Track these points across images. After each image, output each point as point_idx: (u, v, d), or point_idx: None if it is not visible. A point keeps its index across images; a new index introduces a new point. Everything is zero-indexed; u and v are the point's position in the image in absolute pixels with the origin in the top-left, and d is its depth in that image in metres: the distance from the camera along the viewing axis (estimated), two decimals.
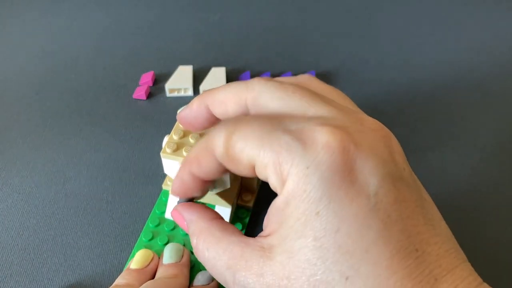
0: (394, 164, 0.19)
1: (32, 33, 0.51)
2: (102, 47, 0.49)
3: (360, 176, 0.18)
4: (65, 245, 0.31)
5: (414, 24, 0.52)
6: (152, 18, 0.53)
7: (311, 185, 0.18)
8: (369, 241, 0.17)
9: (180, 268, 0.27)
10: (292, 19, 0.53)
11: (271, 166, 0.19)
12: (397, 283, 0.17)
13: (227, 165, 0.21)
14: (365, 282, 0.17)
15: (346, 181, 0.18)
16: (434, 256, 0.18)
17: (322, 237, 0.18)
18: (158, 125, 0.40)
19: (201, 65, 0.46)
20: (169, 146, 0.27)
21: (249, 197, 0.32)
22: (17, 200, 0.34)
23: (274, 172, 0.19)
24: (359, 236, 0.17)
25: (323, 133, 0.18)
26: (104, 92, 0.43)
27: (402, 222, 0.18)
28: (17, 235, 0.31)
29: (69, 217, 0.32)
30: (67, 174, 0.35)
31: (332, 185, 0.18)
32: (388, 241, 0.17)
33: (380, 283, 0.17)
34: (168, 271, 0.27)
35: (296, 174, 0.18)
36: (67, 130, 0.39)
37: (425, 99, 0.42)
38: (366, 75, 0.45)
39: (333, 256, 0.17)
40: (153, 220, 0.31)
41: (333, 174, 0.18)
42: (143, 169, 0.36)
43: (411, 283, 0.17)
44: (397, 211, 0.18)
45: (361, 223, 0.17)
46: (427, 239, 0.18)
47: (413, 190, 0.19)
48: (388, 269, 0.17)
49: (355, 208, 0.18)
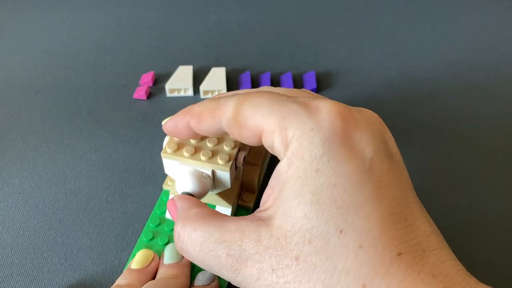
0: (386, 145, 0.21)
1: (32, 33, 0.51)
2: (102, 47, 0.49)
3: (357, 143, 0.20)
4: (66, 245, 0.31)
5: (414, 24, 0.52)
6: (152, 18, 0.53)
7: (314, 145, 0.19)
8: (363, 198, 0.18)
9: (181, 268, 0.27)
10: (292, 19, 0.53)
11: (278, 131, 0.20)
12: (389, 242, 0.18)
13: (231, 131, 0.23)
14: (358, 236, 0.18)
15: (345, 144, 0.19)
16: (422, 231, 0.18)
17: (320, 192, 0.19)
18: (158, 125, 0.40)
19: (201, 65, 0.46)
20: (170, 146, 0.27)
21: (250, 197, 0.32)
22: (18, 200, 0.34)
23: (280, 136, 0.20)
24: (354, 193, 0.18)
25: (327, 104, 0.20)
26: (104, 92, 0.43)
27: (393, 190, 0.19)
28: (17, 235, 0.31)
29: (69, 217, 0.32)
30: (67, 174, 0.35)
31: (332, 145, 0.19)
32: (380, 202, 0.18)
33: (373, 238, 0.18)
34: (169, 271, 0.27)
35: (300, 135, 0.20)
36: (67, 130, 0.39)
37: (424, 99, 0.42)
38: (366, 75, 0.45)
39: (329, 210, 0.18)
40: (154, 220, 0.31)
41: (334, 136, 0.19)
42: (143, 169, 0.36)
43: (402, 245, 0.18)
44: (389, 180, 0.19)
45: (357, 181, 0.19)
46: (416, 215, 0.19)
47: (403, 172, 0.20)
48: (380, 227, 0.18)
49: (352, 167, 0.19)
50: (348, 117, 0.20)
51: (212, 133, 0.24)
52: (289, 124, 0.20)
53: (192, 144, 0.28)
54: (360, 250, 0.17)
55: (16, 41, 0.50)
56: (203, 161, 0.26)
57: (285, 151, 0.20)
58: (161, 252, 0.29)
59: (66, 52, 0.48)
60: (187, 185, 0.26)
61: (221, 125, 0.23)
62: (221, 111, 0.23)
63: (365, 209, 0.18)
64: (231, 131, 0.23)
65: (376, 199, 0.18)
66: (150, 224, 0.31)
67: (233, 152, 0.27)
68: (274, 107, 0.21)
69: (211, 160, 0.26)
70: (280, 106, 0.21)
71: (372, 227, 0.18)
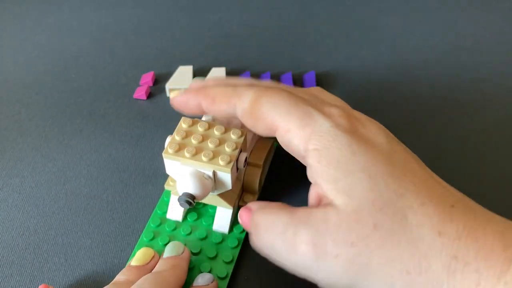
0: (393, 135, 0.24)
1: (32, 33, 0.51)
2: (102, 47, 0.49)
3: (369, 135, 0.22)
4: (66, 245, 0.31)
5: (413, 24, 0.52)
6: (152, 18, 0.53)
7: (338, 136, 0.22)
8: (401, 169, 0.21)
9: (178, 260, 0.28)
10: (292, 19, 0.53)
11: (294, 129, 0.23)
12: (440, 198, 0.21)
13: (244, 120, 0.25)
14: (416, 196, 0.20)
15: (361, 136, 0.22)
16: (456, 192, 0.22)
17: (368, 169, 0.21)
18: (158, 125, 0.40)
19: (201, 65, 0.46)
20: (171, 147, 0.27)
21: (251, 198, 0.32)
22: (18, 200, 0.34)
23: (297, 134, 0.23)
24: (392, 166, 0.21)
25: (335, 109, 0.23)
26: (104, 92, 0.43)
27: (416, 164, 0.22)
28: (17, 235, 0.31)
29: (69, 217, 0.32)
30: (67, 174, 0.35)
31: (353, 137, 0.22)
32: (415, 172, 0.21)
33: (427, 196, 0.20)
34: (166, 264, 0.27)
35: (321, 131, 0.22)
36: (67, 130, 0.39)
37: (424, 99, 0.42)
38: (366, 75, 0.45)
39: (383, 180, 0.21)
40: (155, 220, 0.31)
41: (350, 132, 0.22)
42: (143, 169, 0.36)
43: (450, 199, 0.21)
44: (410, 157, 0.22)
45: (388, 158, 0.21)
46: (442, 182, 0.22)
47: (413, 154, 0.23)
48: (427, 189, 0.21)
49: (377, 150, 0.22)
50: (353, 120, 0.23)
51: (221, 115, 0.26)
52: (306, 124, 0.22)
53: (194, 145, 0.27)
54: (423, 207, 0.20)
55: (16, 41, 0.50)
56: (204, 162, 0.26)
57: (306, 146, 0.22)
58: (161, 252, 0.29)
59: (66, 52, 0.48)
60: (188, 186, 0.26)
61: (234, 111, 0.25)
62: (238, 99, 0.25)
63: (408, 177, 0.21)
64: (245, 120, 0.25)
65: (411, 171, 0.21)
66: (151, 224, 0.31)
67: (235, 153, 0.27)
68: (291, 108, 0.23)
69: (212, 161, 0.26)
70: (297, 107, 0.23)
71: (421, 189, 0.21)
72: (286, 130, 0.23)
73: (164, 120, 0.40)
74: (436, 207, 0.20)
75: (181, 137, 0.28)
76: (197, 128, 0.28)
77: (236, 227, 0.30)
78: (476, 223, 0.20)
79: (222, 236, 0.30)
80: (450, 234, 0.19)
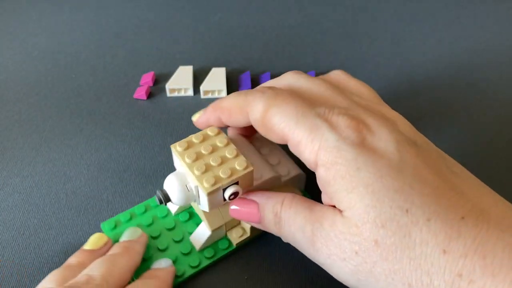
0: (404, 136, 0.23)
1: (32, 33, 0.51)
2: (102, 47, 0.49)
3: (378, 144, 0.22)
4: (66, 244, 0.31)
5: (413, 24, 0.52)
6: (152, 18, 0.53)
7: (343, 150, 0.22)
8: (409, 181, 0.21)
9: (131, 243, 0.28)
10: (292, 19, 0.53)
11: (304, 142, 0.23)
12: (449, 209, 0.20)
13: (258, 130, 0.25)
14: (423, 211, 0.20)
15: (369, 147, 0.22)
16: (472, 195, 0.21)
17: (371, 184, 0.21)
18: (159, 125, 0.40)
19: (201, 65, 0.46)
20: (182, 145, 0.27)
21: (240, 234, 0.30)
22: (18, 199, 0.34)
23: (306, 147, 0.23)
24: (399, 178, 0.21)
25: (343, 118, 0.23)
26: (105, 92, 0.43)
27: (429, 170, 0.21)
28: (18, 235, 0.31)
29: (69, 216, 0.32)
30: (67, 174, 0.35)
31: (360, 149, 0.22)
32: (425, 182, 0.21)
33: (435, 210, 0.20)
34: (119, 247, 0.28)
35: (328, 146, 0.22)
36: (68, 130, 0.39)
37: (424, 98, 0.42)
38: (366, 75, 0.45)
39: (388, 196, 0.20)
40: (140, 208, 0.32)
41: (358, 143, 0.22)
42: (143, 169, 0.36)
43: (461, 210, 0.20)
44: (422, 162, 0.21)
45: (396, 170, 0.21)
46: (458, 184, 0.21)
47: (431, 151, 0.23)
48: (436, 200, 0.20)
49: (385, 161, 0.21)
50: (361, 128, 0.23)
51: (242, 126, 0.27)
52: (314, 137, 0.23)
53: (199, 153, 0.26)
54: (429, 223, 0.20)
55: (16, 41, 0.50)
56: (193, 173, 0.26)
57: (315, 160, 0.23)
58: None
59: (66, 52, 0.48)
60: (169, 186, 0.26)
61: (249, 120, 0.25)
62: (249, 108, 0.25)
63: (416, 190, 0.20)
64: (258, 129, 0.25)
65: (420, 180, 0.21)
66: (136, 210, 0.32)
67: (226, 181, 0.25)
68: (299, 120, 0.23)
69: (199, 176, 0.25)
70: (305, 119, 0.23)
71: (430, 202, 0.20)
72: (297, 142, 0.23)
73: (164, 120, 0.40)
74: (443, 222, 0.20)
75: (198, 140, 0.27)
76: (215, 141, 0.27)
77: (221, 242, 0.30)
78: (487, 236, 0.19)
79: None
80: (456, 251, 0.19)
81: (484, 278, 0.18)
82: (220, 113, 0.27)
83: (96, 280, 0.24)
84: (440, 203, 0.20)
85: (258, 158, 0.29)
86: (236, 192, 0.26)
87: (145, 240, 0.29)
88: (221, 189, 0.25)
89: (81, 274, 0.25)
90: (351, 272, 0.22)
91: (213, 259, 0.29)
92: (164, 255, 0.29)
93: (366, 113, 0.24)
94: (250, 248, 0.30)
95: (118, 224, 0.31)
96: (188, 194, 0.26)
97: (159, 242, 0.30)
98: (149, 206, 0.32)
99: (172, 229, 0.30)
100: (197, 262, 0.29)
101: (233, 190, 0.26)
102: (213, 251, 0.29)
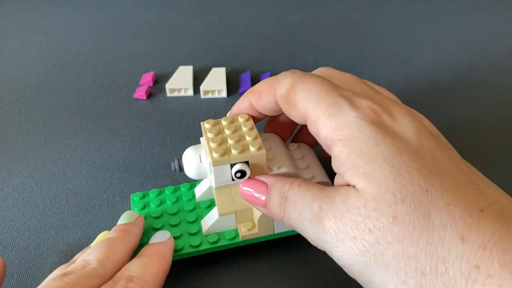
0: (426, 128, 0.22)
1: (32, 33, 0.51)
2: (102, 47, 0.49)
3: (398, 128, 0.21)
4: (66, 245, 0.31)
5: (413, 24, 0.52)
6: (152, 18, 0.53)
7: (363, 127, 0.21)
8: (428, 165, 0.20)
9: (128, 226, 0.28)
10: (292, 19, 0.53)
11: (323, 118, 0.22)
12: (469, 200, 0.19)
13: (282, 106, 0.25)
14: (442, 195, 0.19)
15: (389, 129, 0.21)
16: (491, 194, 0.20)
17: (391, 159, 0.20)
18: (158, 125, 0.40)
19: (201, 65, 0.46)
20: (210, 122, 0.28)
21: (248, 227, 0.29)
22: (18, 199, 0.34)
23: (325, 123, 0.22)
24: (419, 161, 0.20)
25: (367, 101, 0.23)
26: (105, 92, 0.43)
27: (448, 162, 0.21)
28: (18, 235, 0.31)
29: (69, 217, 0.32)
30: (67, 174, 0.35)
31: (380, 128, 0.21)
32: (443, 170, 0.20)
33: (454, 197, 0.19)
34: (116, 230, 0.28)
35: (347, 121, 0.22)
36: (68, 130, 0.39)
37: (424, 98, 0.42)
38: (366, 75, 0.45)
39: (409, 172, 0.20)
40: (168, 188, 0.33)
41: (378, 124, 0.21)
42: (143, 169, 0.36)
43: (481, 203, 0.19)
44: (441, 154, 0.21)
45: (415, 153, 0.20)
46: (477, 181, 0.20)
47: (450, 149, 0.22)
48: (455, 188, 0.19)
49: (405, 143, 0.21)
50: (383, 111, 0.22)
51: (269, 109, 0.26)
52: (333, 113, 0.22)
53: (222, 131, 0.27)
54: (448, 207, 0.19)
55: (16, 41, 0.50)
56: (210, 145, 0.26)
57: (332, 136, 0.22)
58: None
59: (66, 52, 0.48)
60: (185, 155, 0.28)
61: (275, 99, 0.25)
62: (277, 85, 0.25)
63: (436, 174, 0.20)
64: (282, 105, 0.25)
65: (439, 167, 0.20)
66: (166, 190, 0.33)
67: (235, 156, 0.26)
68: (321, 97, 0.23)
69: (212, 148, 0.26)
70: (327, 96, 0.23)
71: (449, 188, 0.19)
72: (315, 119, 0.23)
73: (164, 120, 0.40)
74: (463, 209, 0.19)
75: (226, 122, 0.28)
76: (241, 124, 0.28)
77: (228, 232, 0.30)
78: (507, 233, 0.18)
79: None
80: (475, 242, 0.18)
81: (503, 274, 0.17)
82: (251, 96, 0.27)
83: (92, 265, 0.24)
84: (459, 192, 0.19)
85: (285, 154, 0.29)
86: (243, 171, 0.26)
87: (142, 222, 0.29)
88: (229, 164, 0.26)
89: (78, 260, 0.25)
90: (360, 253, 0.20)
91: (215, 245, 0.29)
92: (172, 230, 0.29)
93: (391, 102, 0.23)
94: (250, 248, 0.30)
95: (146, 196, 0.32)
96: (200, 166, 0.27)
97: (173, 219, 0.30)
98: (179, 188, 0.33)
99: (190, 211, 0.31)
100: (198, 243, 0.29)
101: (239, 168, 0.26)
102: (217, 238, 0.29)
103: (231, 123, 0.28)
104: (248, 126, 0.27)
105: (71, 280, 0.23)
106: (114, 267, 0.25)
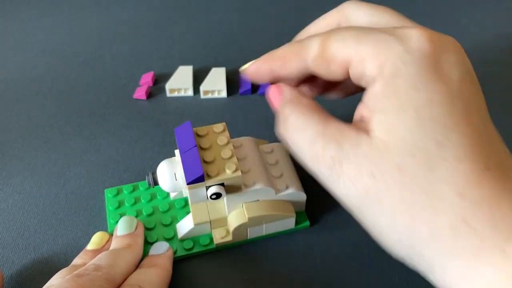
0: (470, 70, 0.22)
1: (32, 33, 0.51)
2: (102, 47, 0.49)
3: (445, 65, 0.21)
4: (66, 245, 0.31)
5: None
6: (152, 18, 0.53)
7: (408, 65, 0.20)
8: (456, 117, 0.20)
9: (133, 238, 0.29)
10: (292, 19, 0.53)
11: (368, 58, 0.21)
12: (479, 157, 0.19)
13: (316, 68, 0.23)
14: (455, 150, 0.19)
15: (435, 65, 0.20)
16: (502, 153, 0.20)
17: (420, 108, 0.20)
18: (158, 125, 0.40)
19: (201, 65, 0.46)
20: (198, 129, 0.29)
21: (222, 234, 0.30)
22: (18, 200, 0.34)
23: (372, 62, 0.21)
24: (448, 111, 0.20)
25: (414, 30, 0.21)
26: (104, 92, 0.43)
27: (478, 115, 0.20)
28: (17, 235, 0.31)
29: (69, 217, 0.32)
30: (67, 174, 0.35)
31: (425, 66, 0.20)
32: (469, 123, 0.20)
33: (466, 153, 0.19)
34: (122, 242, 0.28)
35: (394, 58, 0.20)
36: (67, 130, 0.39)
37: None
38: None
39: (429, 125, 0.20)
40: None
41: (424, 59, 0.20)
42: (143, 169, 0.36)
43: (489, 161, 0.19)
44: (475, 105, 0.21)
45: (450, 101, 0.20)
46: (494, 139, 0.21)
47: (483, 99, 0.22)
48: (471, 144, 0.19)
49: (444, 86, 0.20)
50: (436, 41, 0.21)
51: (295, 75, 0.25)
52: (380, 51, 0.21)
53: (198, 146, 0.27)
54: (456, 163, 0.19)
55: (16, 41, 0.50)
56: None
57: (378, 75, 0.21)
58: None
59: (66, 52, 0.48)
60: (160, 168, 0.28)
61: (306, 64, 0.24)
62: (306, 49, 0.23)
63: (457, 127, 0.20)
64: (318, 67, 0.23)
65: (466, 119, 0.20)
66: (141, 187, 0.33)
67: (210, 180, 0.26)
68: (361, 38, 0.21)
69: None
70: (368, 35, 0.21)
71: (465, 143, 0.19)
72: (360, 60, 0.21)
73: (164, 120, 0.40)
74: (469, 166, 0.19)
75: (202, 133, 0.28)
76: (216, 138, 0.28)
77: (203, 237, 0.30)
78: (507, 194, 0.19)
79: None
80: (471, 198, 0.19)
81: (488, 230, 0.18)
82: (272, 62, 0.25)
83: (105, 269, 0.25)
84: (473, 149, 0.19)
85: (260, 165, 0.29)
86: (219, 194, 0.26)
87: (142, 230, 0.30)
88: (205, 186, 0.26)
89: (89, 263, 0.26)
90: (357, 194, 0.21)
91: (190, 252, 0.30)
92: (148, 234, 0.30)
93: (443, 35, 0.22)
94: (250, 248, 0.30)
95: (120, 193, 0.33)
96: (175, 183, 0.27)
97: (148, 221, 0.31)
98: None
99: (165, 212, 0.32)
100: (174, 249, 0.29)
101: (215, 191, 0.26)
102: (193, 244, 0.30)
103: (207, 136, 0.28)
104: (223, 142, 0.27)
105: (84, 282, 0.24)
106: (123, 275, 0.26)
